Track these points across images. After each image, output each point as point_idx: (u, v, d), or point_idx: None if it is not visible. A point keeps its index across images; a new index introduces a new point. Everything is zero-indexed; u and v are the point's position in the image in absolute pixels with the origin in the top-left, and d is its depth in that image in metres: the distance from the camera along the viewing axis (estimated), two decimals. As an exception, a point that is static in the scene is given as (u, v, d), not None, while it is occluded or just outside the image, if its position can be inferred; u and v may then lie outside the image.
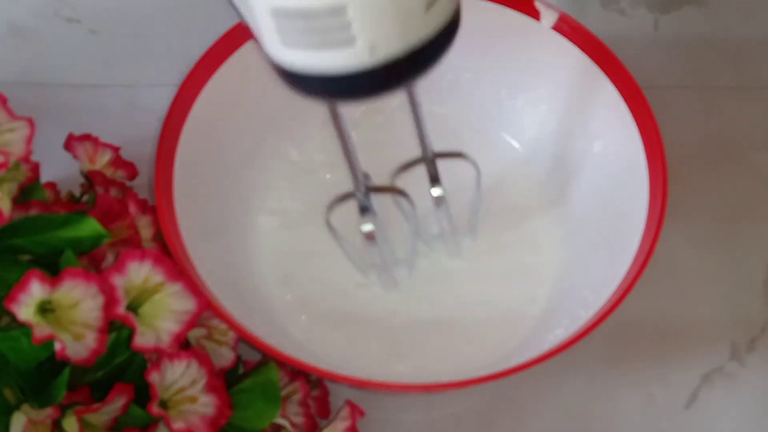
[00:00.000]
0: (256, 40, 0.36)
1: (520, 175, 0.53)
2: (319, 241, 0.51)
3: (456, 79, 0.53)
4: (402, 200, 0.45)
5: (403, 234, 0.48)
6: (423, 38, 0.33)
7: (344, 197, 0.45)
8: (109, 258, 0.42)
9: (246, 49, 0.49)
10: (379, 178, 0.45)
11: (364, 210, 0.44)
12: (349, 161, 0.42)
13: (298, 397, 0.44)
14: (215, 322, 0.43)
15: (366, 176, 0.44)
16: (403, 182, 0.45)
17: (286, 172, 0.53)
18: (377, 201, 0.45)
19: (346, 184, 0.48)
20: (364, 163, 0.43)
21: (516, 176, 0.53)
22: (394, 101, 0.53)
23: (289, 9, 0.32)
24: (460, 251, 0.50)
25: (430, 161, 0.45)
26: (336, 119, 0.40)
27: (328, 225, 0.45)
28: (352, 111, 0.52)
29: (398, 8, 0.32)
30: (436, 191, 0.45)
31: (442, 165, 0.45)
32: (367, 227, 0.44)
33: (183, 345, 0.41)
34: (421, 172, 0.45)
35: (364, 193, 0.44)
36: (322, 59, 0.33)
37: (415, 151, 0.45)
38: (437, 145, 0.45)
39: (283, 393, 0.44)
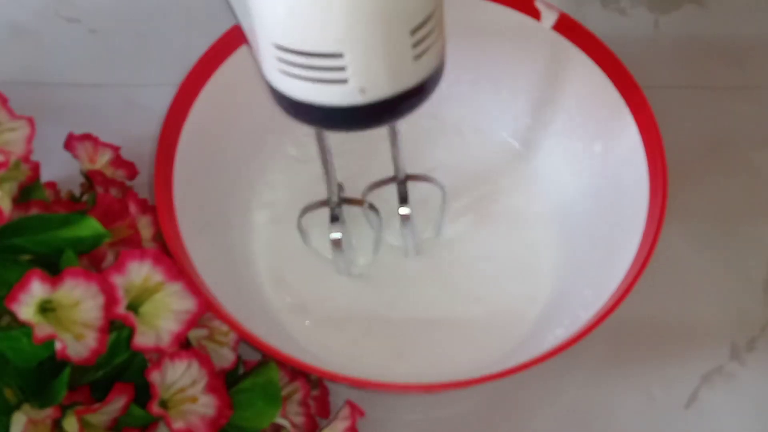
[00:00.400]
0: (254, 58, 0.38)
1: (520, 175, 0.53)
2: (320, 241, 0.51)
3: (456, 79, 0.53)
4: (371, 214, 0.48)
5: (366, 237, 0.50)
6: (411, 84, 0.36)
7: (318, 205, 0.47)
8: (109, 258, 0.42)
9: (246, 49, 0.49)
10: (352, 183, 0.49)
11: (335, 219, 0.47)
12: (326, 174, 0.45)
13: (298, 397, 0.44)
14: (216, 322, 0.43)
15: (340, 186, 0.47)
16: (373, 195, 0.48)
17: (286, 172, 0.53)
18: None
19: (349, 185, 0.48)
20: (342, 170, 0.46)
21: (516, 176, 0.53)
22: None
23: (291, 48, 0.34)
24: (418, 251, 0.51)
25: (401, 182, 0.47)
26: (320, 137, 0.43)
27: (299, 227, 0.48)
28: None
29: (389, 58, 0.35)
30: (404, 210, 0.47)
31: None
32: (336, 235, 0.47)
33: (184, 345, 0.41)
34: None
35: (337, 204, 0.47)
36: (316, 92, 0.36)
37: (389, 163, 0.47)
38: (437, 142, 0.45)
39: (283, 393, 0.44)
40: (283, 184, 0.53)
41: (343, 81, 0.35)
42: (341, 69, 0.34)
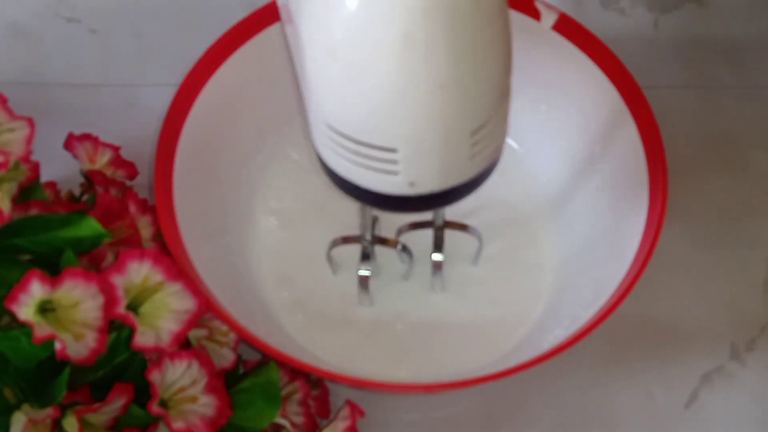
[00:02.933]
0: (306, 126, 0.37)
1: (520, 175, 0.53)
2: (319, 241, 0.51)
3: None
4: (404, 255, 0.48)
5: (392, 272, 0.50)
6: (463, 180, 0.35)
7: (350, 240, 0.47)
8: (109, 258, 0.42)
9: (246, 50, 0.49)
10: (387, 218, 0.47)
11: (366, 257, 0.46)
12: (362, 211, 0.45)
13: (298, 397, 0.44)
14: (216, 323, 0.43)
15: (375, 219, 0.46)
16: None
17: (286, 172, 0.53)
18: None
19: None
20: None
21: (515, 176, 0.53)
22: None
23: (343, 132, 0.33)
24: (444, 288, 0.50)
25: (438, 228, 0.46)
26: (365, 212, 0.44)
27: (329, 260, 0.48)
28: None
29: (445, 157, 0.33)
30: (437, 257, 0.46)
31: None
32: (365, 273, 0.46)
33: (184, 345, 0.41)
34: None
35: (370, 242, 0.46)
36: (364, 177, 0.35)
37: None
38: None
39: (283, 393, 0.44)
40: (283, 184, 0.53)
41: (394, 173, 0.34)
42: (393, 162, 0.33)
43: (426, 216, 0.47)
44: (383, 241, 0.47)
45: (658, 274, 0.47)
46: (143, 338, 0.38)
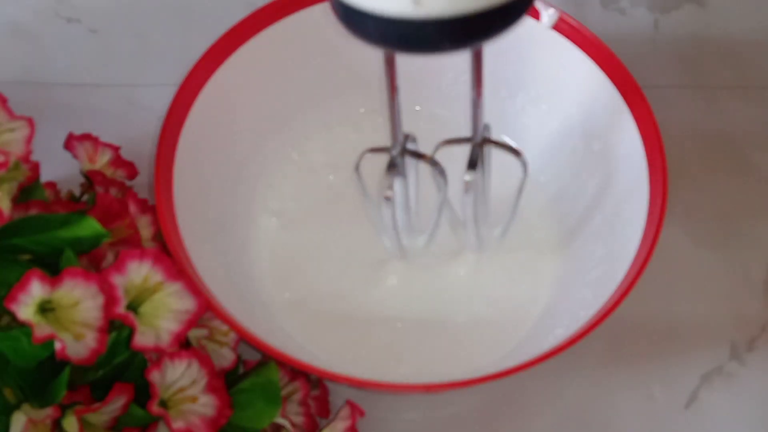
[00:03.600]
0: None
1: (519, 175, 0.53)
2: (320, 241, 0.51)
3: (455, 79, 0.53)
4: (437, 174, 0.43)
5: (430, 207, 0.46)
6: (473, 8, 0.31)
7: (378, 150, 0.43)
8: (109, 257, 0.42)
9: (246, 49, 0.49)
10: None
11: (392, 167, 0.42)
12: (391, 114, 0.40)
13: (298, 396, 0.44)
14: (216, 322, 0.43)
15: (408, 137, 0.43)
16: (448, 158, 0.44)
17: (286, 172, 0.53)
18: (418, 170, 0.44)
19: (349, 186, 0.48)
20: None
21: (515, 176, 0.53)
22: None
23: None
24: (480, 245, 0.48)
25: (477, 144, 0.42)
26: (390, 70, 0.39)
27: (356, 173, 0.44)
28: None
29: None
30: (468, 176, 0.42)
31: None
32: (389, 193, 0.42)
33: (184, 345, 0.41)
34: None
35: (399, 153, 0.42)
36: None
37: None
38: (435, 143, 0.45)
39: (283, 393, 0.44)
40: (283, 185, 0.53)
41: None
42: None
43: (464, 133, 0.43)
44: (415, 155, 0.43)
45: (658, 274, 0.47)
46: (143, 338, 0.38)
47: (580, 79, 0.49)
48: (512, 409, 0.48)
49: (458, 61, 0.52)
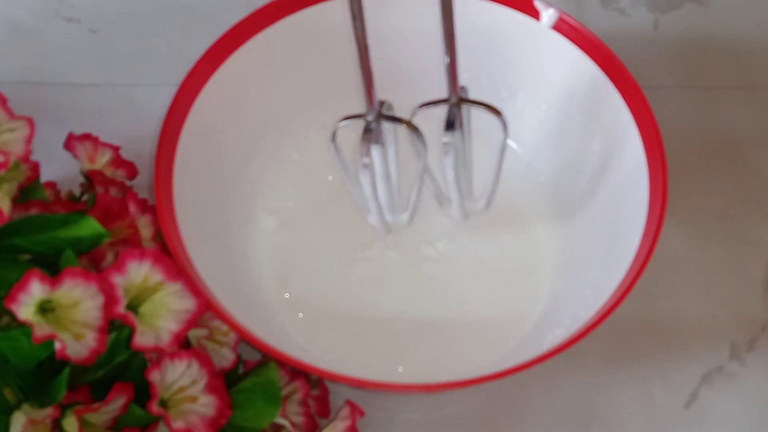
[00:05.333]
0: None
1: (520, 174, 0.53)
2: (320, 240, 0.51)
3: (456, 79, 0.53)
4: (415, 138, 0.42)
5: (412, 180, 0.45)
6: None
7: (354, 117, 0.41)
8: (109, 257, 0.42)
9: (246, 49, 0.49)
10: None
11: (367, 132, 0.40)
12: (364, 74, 0.38)
13: (298, 396, 0.44)
14: (216, 322, 0.43)
15: (384, 104, 0.41)
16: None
17: (286, 172, 0.53)
18: (397, 140, 0.43)
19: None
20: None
21: (515, 176, 0.53)
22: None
23: None
24: (465, 216, 0.48)
25: (453, 104, 0.41)
26: (356, 20, 0.37)
27: (333, 145, 0.42)
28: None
29: None
30: (446, 137, 0.41)
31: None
32: (367, 160, 0.40)
33: (184, 345, 0.41)
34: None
35: (375, 117, 0.40)
36: None
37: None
38: (435, 143, 0.44)
39: (283, 393, 0.44)
40: (283, 185, 0.53)
41: None
42: None
43: (439, 95, 0.42)
44: (391, 119, 0.41)
45: (658, 273, 0.47)
46: (143, 338, 0.38)
47: (580, 79, 0.49)
48: (512, 409, 0.48)
49: (458, 61, 0.52)
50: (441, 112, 0.43)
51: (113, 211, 0.43)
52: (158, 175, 0.44)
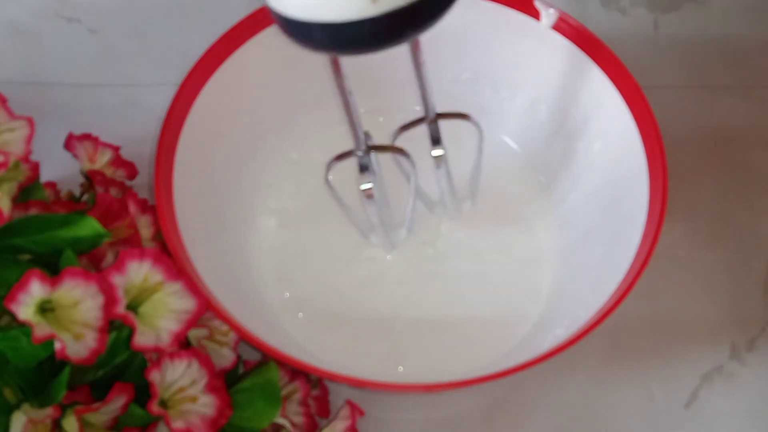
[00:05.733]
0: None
1: (520, 175, 0.53)
2: (320, 240, 0.51)
3: (456, 78, 0.53)
4: (403, 160, 0.44)
5: (404, 197, 0.47)
6: None
7: (344, 155, 0.44)
8: (109, 257, 0.42)
9: (246, 49, 0.49)
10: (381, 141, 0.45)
11: (364, 168, 0.43)
12: (349, 118, 0.41)
13: (298, 396, 0.44)
14: (216, 322, 0.43)
15: (367, 135, 0.44)
16: (406, 146, 0.45)
17: (286, 172, 0.53)
18: (380, 164, 0.45)
19: (349, 185, 0.48)
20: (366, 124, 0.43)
21: (515, 176, 0.53)
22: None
23: None
24: (459, 215, 0.50)
25: (431, 121, 0.44)
26: (337, 73, 0.39)
27: (327, 184, 0.45)
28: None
29: None
30: (436, 151, 0.44)
31: (446, 131, 0.45)
32: (366, 185, 0.43)
33: (184, 345, 0.41)
34: (423, 136, 0.45)
35: (365, 152, 0.43)
36: (323, 7, 0.32)
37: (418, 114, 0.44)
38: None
39: (283, 393, 0.44)
40: (283, 184, 0.53)
41: None
42: None
43: (416, 114, 0.44)
44: (378, 148, 0.44)
45: (658, 273, 0.47)
46: (143, 338, 0.38)
47: (580, 79, 0.49)
48: (512, 409, 0.48)
49: (458, 60, 0.52)
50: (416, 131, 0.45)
51: (113, 211, 0.43)
52: (158, 175, 0.44)
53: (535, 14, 0.49)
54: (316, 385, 0.46)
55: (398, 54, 0.38)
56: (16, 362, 0.37)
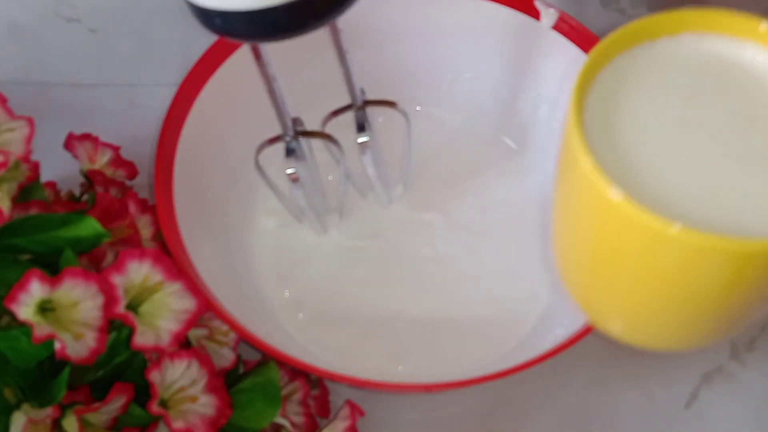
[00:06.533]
0: None
1: (520, 174, 0.53)
2: (320, 240, 0.51)
3: (456, 78, 0.53)
4: (331, 146, 0.46)
5: (336, 183, 0.49)
6: None
7: (273, 140, 0.45)
8: (109, 257, 0.42)
9: (246, 49, 0.48)
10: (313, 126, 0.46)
11: (290, 152, 0.45)
12: (274, 104, 0.42)
13: (298, 396, 0.44)
14: (216, 322, 0.43)
15: (297, 121, 0.45)
16: (336, 132, 0.46)
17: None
18: (311, 149, 0.47)
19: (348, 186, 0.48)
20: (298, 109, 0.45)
21: (516, 176, 0.53)
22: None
23: None
24: (390, 200, 0.51)
25: (358, 108, 0.45)
26: (259, 60, 0.40)
27: (257, 167, 0.46)
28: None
29: None
30: (361, 138, 0.45)
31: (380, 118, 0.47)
32: (291, 170, 0.44)
33: (184, 345, 0.41)
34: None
35: (293, 137, 0.44)
36: None
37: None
38: (436, 142, 0.45)
39: (283, 392, 0.44)
40: (283, 183, 0.53)
41: None
42: None
43: (344, 100, 0.46)
44: (308, 134, 0.45)
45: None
46: (143, 338, 0.38)
47: (580, 79, 0.49)
48: (512, 409, 0.48)
49: (458, 60, 0.52)
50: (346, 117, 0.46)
51: (113, 211, 0.43)
52: (158, 175, 0.44)
53: (535, 14, 0.49)
54: (316, 385, 0.46)
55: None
56: (16, 362, 0.37)
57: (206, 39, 0.48)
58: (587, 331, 0.41)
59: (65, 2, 0.60)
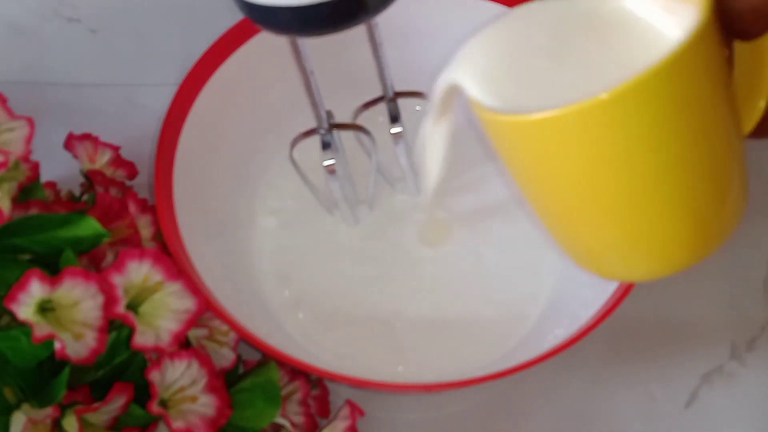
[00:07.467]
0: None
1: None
2: (320, 240, 0.51)
3: (456, 78, 0.53)
4: (363, 137, 0.47)
5: (366, 174, 0.49)
6: None
7: (307, 133, 0.46)
8: (109, 257, 0.42)
9: (246, 49, 0.49)
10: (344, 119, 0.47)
11: (326, 145, 0.46)
12: (311, 97, 0.43)
13: (298, 396, 0.44)
14: (216, 322, 0.43)
15: (329, 114, 0.46)
16: (368, 124, 0.47)
17: (286, 172, 0.53)
18: (343, 143, 0.48)
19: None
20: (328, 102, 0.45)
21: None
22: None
23: None
24: (418, 190, 0.51)
25: (390, 99, 0.46)
26: (297, 54, 0.42)
27: (292, 161, 0.47)
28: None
29: None
30: (395, 129, 0.46)
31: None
32: (329, 161, 0.45)
33: (183, 345, 0.41)
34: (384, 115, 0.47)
35: (327, 130, 0.46)
36: None
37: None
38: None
39: (283, 392, 0.44)
40: (283, 184, 0.53)
41: None
42: None
43: (376, 93, 0.47)
44: (340, 126, 0.46)
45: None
46: (143, 338, 0.38)
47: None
48: (512, 409, 0.48)
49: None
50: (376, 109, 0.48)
51: (113, 211, 0.43)
52: (158, 175, 0.44)
53: (535, 14, 0.49)
54: (316, 385, 0.46)
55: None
56: (16, 362, 0.37)
57: (206, 39, 0.48)
58: (587, 331, 0.41)
59: (65, 2, 0.60)
